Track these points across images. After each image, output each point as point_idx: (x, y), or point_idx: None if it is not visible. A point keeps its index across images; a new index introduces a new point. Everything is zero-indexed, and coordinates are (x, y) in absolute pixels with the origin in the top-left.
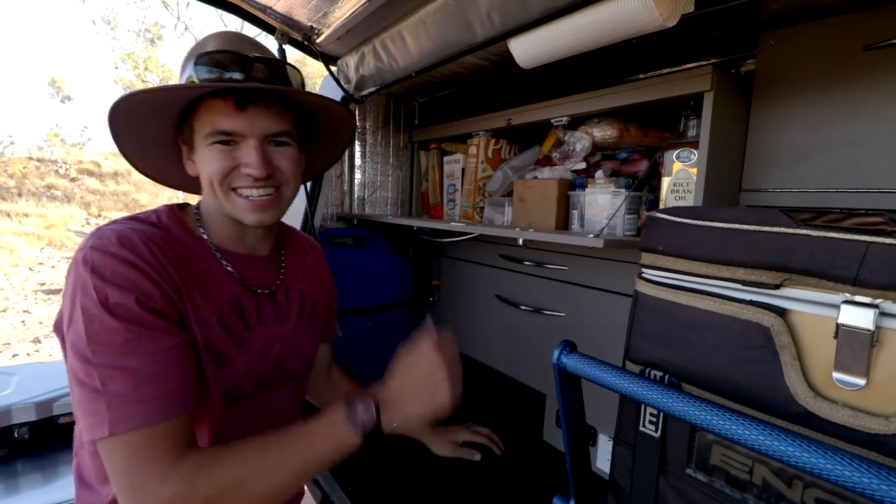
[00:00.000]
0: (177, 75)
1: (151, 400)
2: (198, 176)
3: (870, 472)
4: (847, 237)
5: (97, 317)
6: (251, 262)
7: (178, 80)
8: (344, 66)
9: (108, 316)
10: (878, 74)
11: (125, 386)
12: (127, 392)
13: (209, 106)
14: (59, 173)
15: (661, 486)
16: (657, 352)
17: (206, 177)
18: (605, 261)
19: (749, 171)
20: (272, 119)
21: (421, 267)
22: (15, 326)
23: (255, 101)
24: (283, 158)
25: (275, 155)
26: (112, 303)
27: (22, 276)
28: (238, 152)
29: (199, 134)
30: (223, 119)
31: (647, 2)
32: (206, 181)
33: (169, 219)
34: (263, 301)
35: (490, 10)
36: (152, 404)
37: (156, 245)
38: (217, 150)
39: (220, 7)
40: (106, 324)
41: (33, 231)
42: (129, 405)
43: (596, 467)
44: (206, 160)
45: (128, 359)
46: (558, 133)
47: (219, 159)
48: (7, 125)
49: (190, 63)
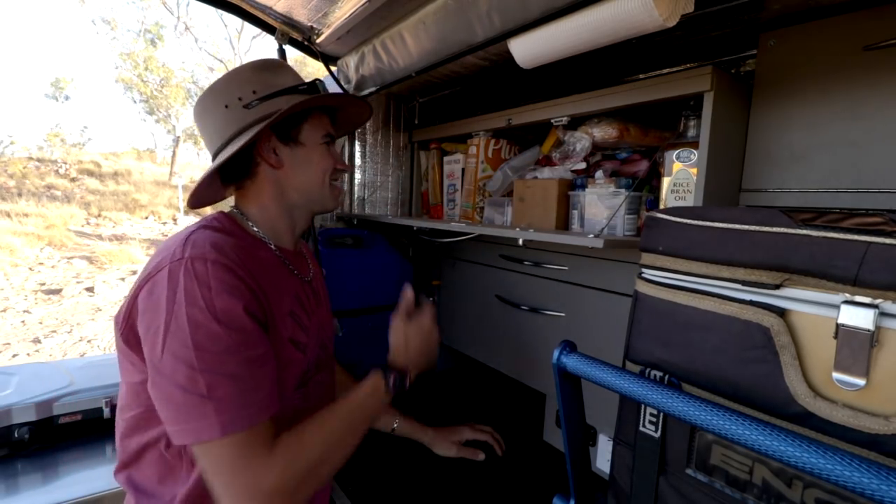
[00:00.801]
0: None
1: (254, 404)
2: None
3: (870, 472)
4: (847, 237)
5: (204, 324)
6: (295, 255)
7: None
8: (344, 66)
9: (215, 323)
10: (878, 74)
11: (231, 392)
12: (233, 398)
13: (320, 114)
14: (59, 173)
15: (661, 486)
16: (657, 352)
17: (320, 168)
18: (605, 261)
19: (749, 171)
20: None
21: (421, 267)
22: (15, 326)
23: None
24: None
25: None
26: (219, 309)
27: (22, 276)
28: (333, 149)
29: (314, 133)
30: (329, 126)
31: (647, 2)
32: (319, 173)
33: (231, 224)
34: (308, 289)
35: (490, 10)
36: (254, 408)
37: (239, 251)
38: (327, 148)
39: (220, 7)
40: (212, 331)
41: (33, 231)
42: (238, 409)
43: (596, 467)
44: (323, 155)
45: (230, 366)
46: (558, 133)
47: (331, 155)
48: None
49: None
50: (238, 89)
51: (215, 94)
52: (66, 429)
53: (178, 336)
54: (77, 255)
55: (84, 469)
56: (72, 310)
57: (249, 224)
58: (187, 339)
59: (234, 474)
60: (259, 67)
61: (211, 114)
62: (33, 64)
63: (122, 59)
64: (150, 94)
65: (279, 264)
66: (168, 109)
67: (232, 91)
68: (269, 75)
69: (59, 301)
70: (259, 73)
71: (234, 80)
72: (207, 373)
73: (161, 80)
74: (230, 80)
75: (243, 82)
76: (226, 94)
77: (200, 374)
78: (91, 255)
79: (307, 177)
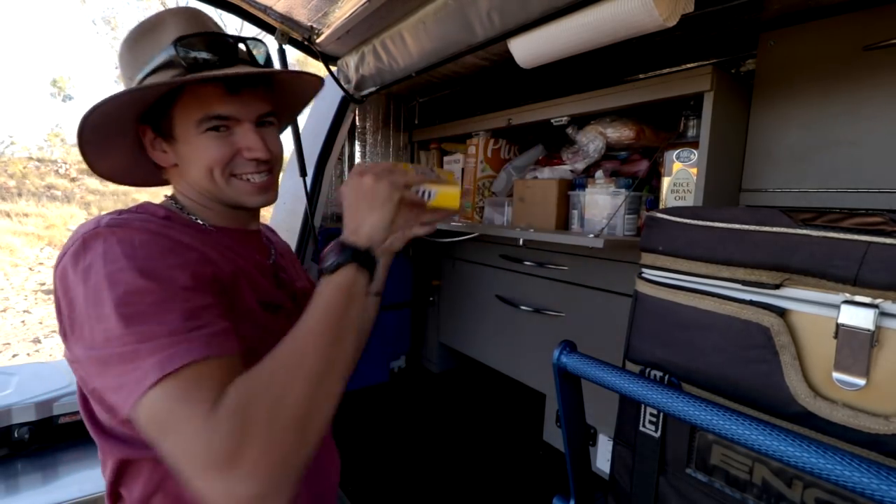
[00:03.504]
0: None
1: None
2: (169, 165)
3: (870, 472)
4: (847, 237)
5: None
6: (247, 235)
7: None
8: (344, 66)
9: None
10: (878, 74)
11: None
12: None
13: (196, 93)
14: (59, 173)
15: (661, 486)
16: (657, 352)
17: (202, 165)
18: (605, 261)
19: (749, 171)
20: (261, 100)
21: (421, 267)
22: (15, 326)
23: (247, 84)
24: (273, 139)
25: (265, 136)
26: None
27: (22, 276)
28: (233, 137)
29: (186, 122)
30: (217, 104)
31: (647, 2)
32: (203, 169)
33: (157, 209)
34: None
35: (490, 10)
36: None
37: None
38: (212, 138)
39: (220, 7)
40: (137, 286)
41: (33, 231)
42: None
43: (596, 467)
44: (201, 148)
45: (162, 314)
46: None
47: (217, 146)
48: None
49: (162, 48)
50: (122, 69)
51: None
52: (66, 429)
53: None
54: None
55: (84, 469)
56: None
57: (176, 207)
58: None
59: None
60: (131, 39)
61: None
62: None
63: None
64: None
65: (222, 238)
66: None
67: (124, 73)
68: (137, 49)
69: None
70: (131, 48)
71: (120, 61)
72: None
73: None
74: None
75: (124, 64)
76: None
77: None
78: None
79: (195, 175)
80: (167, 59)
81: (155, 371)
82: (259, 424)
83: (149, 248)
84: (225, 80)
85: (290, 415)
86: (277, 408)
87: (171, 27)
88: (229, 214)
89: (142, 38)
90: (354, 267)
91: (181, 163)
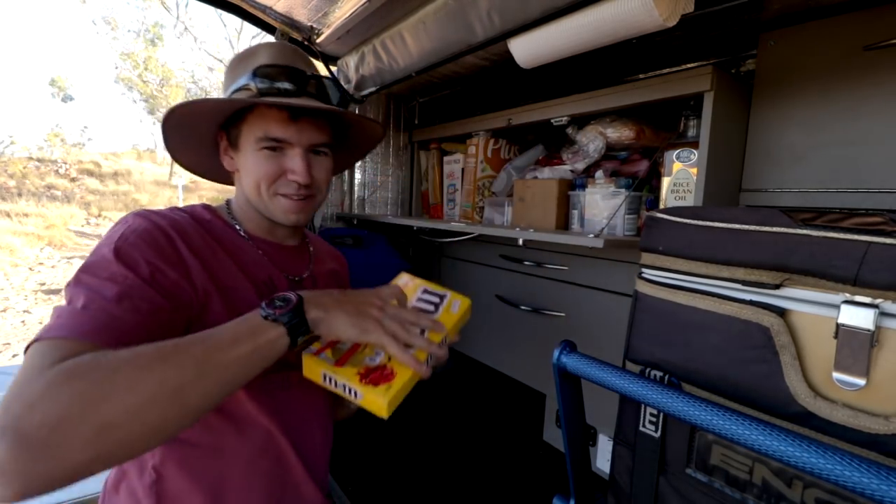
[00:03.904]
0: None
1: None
2: (234, 171)
3: (870, 472)
4: (847, 237)
5: (104, 255)
6: (281, 249)
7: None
8: (344, 66)
9: (113, 255)
10: (878, 74)
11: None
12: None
13: (262, 114)
14: (59, 173)
15: (661, 486)
16: (657, 352)
17: (252, 178)
18: (605, 261)
19: (749, 171)
20: (318, 131)
21: (421, 267)
22: (15, 326)
23: (306, 114)
24: (321, 168)
25: (314, 164)
26: (125, 247)
27: (22, 276)
28: (284, 159)
29: (249, 137)
30: (275, 127)
31: (647, 2)
32: (253, 182)
33: (203, 211)
34: (295, 283)
35: (490, 10)
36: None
37: (194, 226)
38: (266, 156)
39: (220, 7)
40: (106, 259)
41: (33, 231)
42: (74, 317)
43: (596, 467)
44: (254, 163)
45: (102, 287)
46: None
47: (267, 164)
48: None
49: (247, 72)
50: (223, 88)
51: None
52: None
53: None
54: (77, 255)
55: None
56: None
57: (227, 212)
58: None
59: (18, 381)
60: (232, 62)
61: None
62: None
63: (122, 59)
64: (151, 94)
65: (250, 251)
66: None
67: (223, 88)
68: (233, 70)
69: (59, 301)
70: (230, 69)
71: (224, 78)
72: (79, 286)
73: (161, 80)
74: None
75: (225, 81)
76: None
77: (72, 289)
78: None
79: (246, 186)
80: (247, 83)
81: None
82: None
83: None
84: (286, 106)
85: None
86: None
87: (260, 56)
88: (267, 227)
89: (238, 63)
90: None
91: (241, 171)
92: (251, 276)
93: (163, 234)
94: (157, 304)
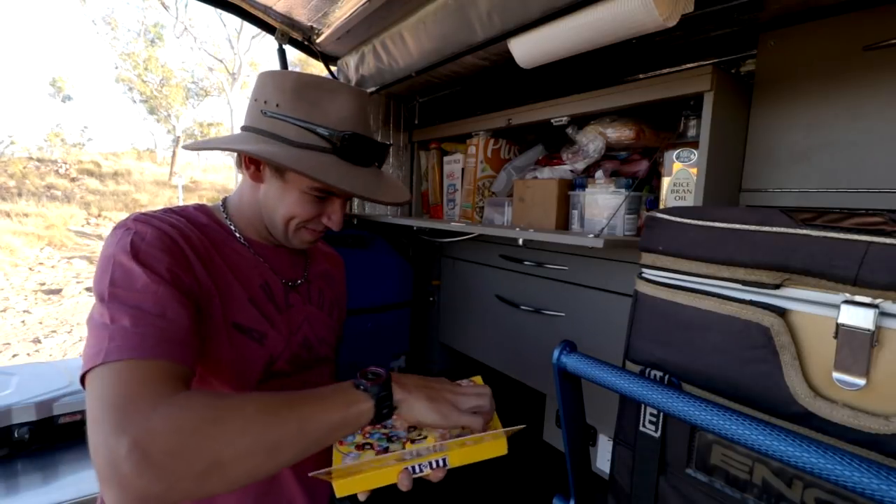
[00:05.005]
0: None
1: (152, 336)
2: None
3: (870, 472)
4: (847, 237)
5: (124, 264)
6: (276, 251)
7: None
8: (344, 66)
9: (135, 263)
10: (878, 74)
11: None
12: (131, 326)
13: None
14: (59, 173)
15: (661, 486)
16: (657, 352)
17: (287, 212)
18: (605, 261)
19: (749, 171)
20: None
21: (421, 267)
22: (15, 326)
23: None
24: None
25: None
26: (142, 255)
27: (22, 276)
28: (325, 204)
29: (302, 179)
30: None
31: (647, 2)
32: (285, 216)
33: (197, 212)
34: (290, 288)
35: (490, 10)
36: (152, 340)
37: (191, 230)
38: (312, 200)
39: (220, 7)
40: (130, 269)
41: (33, 231)
42: (131, 338)
43: (596, 467)
44: (298, 202)
45: (142, 301)
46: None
47: (311, 207)
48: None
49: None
50: (272, 90)
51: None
52: (66, 429)
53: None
54: (77, 255)
55: (84, 469)
56: (72, 310)
57: (223, 213)
58: (107, 277)
59: (108, 408)
60: (303, 84)
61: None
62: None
63: (122, 59)
64: (151, 94)
65: (245, 254)
66: (168, 109)
67: (267, 87)
68: (304, 96)
69: (59, 301)
70: (299, 91)
71: (276, 81)
72: (115, 304)
73: (161, 80)
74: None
75: (277, 88)
76: (262, 86)
77: (107, 307)
78: (91, 255)
79: (273, 211)
80: (325, 137)
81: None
82: (180, 440)
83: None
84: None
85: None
86: (206, 441)
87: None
88: (265, 233)
89: (312, 92)
90: (373, 404)
91: (269, 190)
92: (245, 282)
93: (170, 238)
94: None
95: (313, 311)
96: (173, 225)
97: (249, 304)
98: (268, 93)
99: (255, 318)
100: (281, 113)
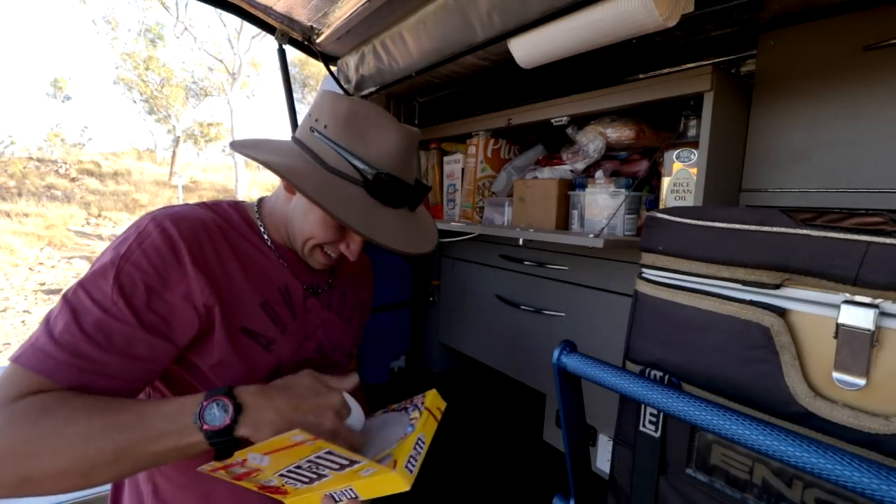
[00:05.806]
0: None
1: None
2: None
3: (870, 472)
4: (847, 237)
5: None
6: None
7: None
8: (344, 66)
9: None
10: (878, 74)
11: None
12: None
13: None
14: (59, 173)
15: (661, 486)
16: (657, 352)
17: (308, 232)
18: (605, 261)
19: (749, 171)
20: None
21: (421, 267)
22: (15, 326)
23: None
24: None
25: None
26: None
27: (22, 276)
28: (345, 231)
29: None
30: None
31: (647, 2)
32: (306, 235)
33: (231, 208)
34: (310, 293)
35: (490, 10)
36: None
37: (213, 229)
38: (334, 226)
39: (220, 7)
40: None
41: (33, 231)
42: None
43: (596, 467)
44: (321, 226)
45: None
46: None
47: (332, 233)
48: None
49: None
50: (326, 111)
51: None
52: None
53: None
54: (77, 255)
55: None
56: None
57: (256, 213)
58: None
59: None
60: (352, 113)
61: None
62: (33, 64)
63: (122, 59)
64: (151, 94)
65: (268, 256)
66: (168, 109)
67: (323, 107)
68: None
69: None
70: (348, 118)
71: (332, 103)
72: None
73: (161, 80)
74: (333, 99)
75: (331, 111)
76: (319, 105)
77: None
78: (91, 255)
79: (297, 225)
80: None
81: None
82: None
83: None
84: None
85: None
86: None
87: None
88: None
89: (361, 122)
90: (207, 439)
91: (298, 206)
92: (261, 286)
93: (171, 248)
94: (134, 339)
95: (331, 318)
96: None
97: (261, 309)
98: (322, 112)
99: (264, 324)
100: (326, 135)
